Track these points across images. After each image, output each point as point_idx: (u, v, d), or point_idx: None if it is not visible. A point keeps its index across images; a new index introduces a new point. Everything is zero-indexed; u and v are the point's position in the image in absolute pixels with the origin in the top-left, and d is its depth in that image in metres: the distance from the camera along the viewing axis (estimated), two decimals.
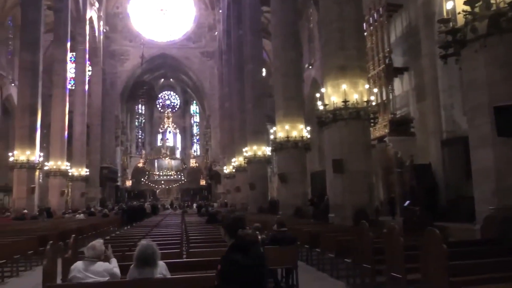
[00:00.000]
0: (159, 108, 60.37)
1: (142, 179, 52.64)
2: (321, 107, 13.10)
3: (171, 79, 58.11)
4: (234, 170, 31.58)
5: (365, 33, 16.87)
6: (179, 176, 53.59)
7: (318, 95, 14.35)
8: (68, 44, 32.11)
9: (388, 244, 6.13)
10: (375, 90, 16.75)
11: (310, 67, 28.76)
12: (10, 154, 24.24)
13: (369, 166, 12.60)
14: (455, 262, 4.89)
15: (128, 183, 53.06)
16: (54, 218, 22.07)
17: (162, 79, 58.17)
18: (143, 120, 60.50)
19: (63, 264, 5.42)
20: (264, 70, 30.82)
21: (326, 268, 9.02)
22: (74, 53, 37.45)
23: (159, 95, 60.40)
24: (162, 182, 52.79)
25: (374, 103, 13.45)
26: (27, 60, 24.71)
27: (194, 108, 61.62)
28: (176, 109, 61.16)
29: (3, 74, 33.04)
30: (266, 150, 25.23)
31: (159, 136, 57.41)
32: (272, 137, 19.28)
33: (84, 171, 34.87)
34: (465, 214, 11.27)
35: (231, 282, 2.84)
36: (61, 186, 29.60)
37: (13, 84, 34.10)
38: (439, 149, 15.14)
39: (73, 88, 37.29)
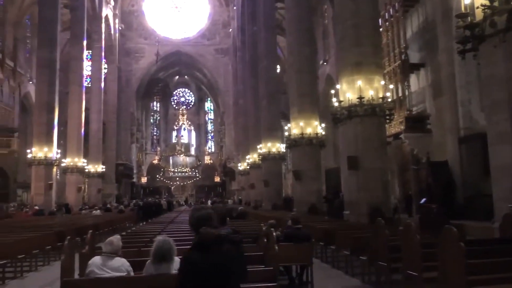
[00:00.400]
0: (174, 105, 60.70)
1: (157, 176, 53.06)
2: (336, 104, 13.03)
3: (185, 76, 58.38)
4: (248, 167, 31.62)
5: (381, 29, 16.70)
6: (194, 173, 53.87)
7: (333, 91, 14.27)
8: (85, 42, 32.46)
9: (405, 242, 6.08)
10: (391, 86, 16.59)
11: (325, 63, 28.60)
12: (28, 151, 24.65)
13: (384, 163, 12.50)
14: (473, 260, 4.81)
15: (144, 179, 53.54)
16: (72, 214, 22.41)
17: (177, 76, 58.47)
18: (158, 117, 60.92)
19: (81, 259, 5.49)
20: (278, 66, 30.75)
21: (341, 266, 8.98)
22: (90, 51, 37.81)
23: (174, 92, 60.73)
24: (177, 178, 53.13)
25: (389, 100, 13.31)
26: (45, 58, 25.06)
27: (208, 105, 61.84)
28: (191, 106, 61.43)
29: (21, 72, 33.53)
30: (281, 147, 25.18)
31: (174, 133, 57.74)
32: (286, 134, 19.23)
33: (100, 168, 35.25)
34: (483, 212, 11.12)
35: (189, 283, 2.65)
36: (78, 183, 30.00)
37: (31, 82, 34.63)
38: (456, 146, 14.94)
39: (89, 85, 37.68)
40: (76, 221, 16.00)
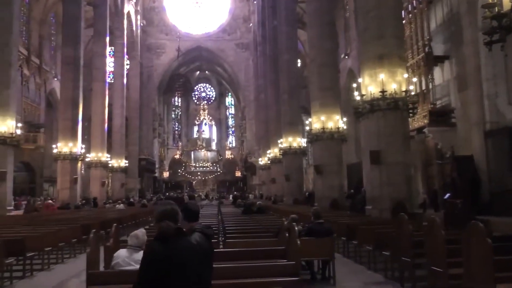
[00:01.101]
0: (195, 100, 61.10)
1: (179, 170, 53.59)
2: (358, 98, 12.89)
3: (206, 72, 58.67)
4: (269, 162, 31.63)
5: (404, 21, 16.41)
6: (215, 168, 54.20)
7: (355, 85, 14.15)
8: (107, 39, 32.92)
9: (429, 237, 5.98)
10: (414, 79, 16.32)
11: (346, 57, 28.30)
12: (54, 146, 25.21)
13: (407, 157, 12.31)
14: (500, 257, 4.71)
15: (166, 174, 54.20)
16: (97, 208, 22.86)
17: (198, 72, 58.80)
18: (180, 112, 61.47)
19: (105, 252, 5.59)
20: (299, 61, 30.59)
21: (364, 261, 8.92)
22: (112, 48, 38.34)
23: (195, 88, 61.11)
24: (198, 173, 53.55)
25: (413, 93, 13.10)
26: (69, 55, 25.51)
27: (229, 100, 62.06)
28: (212, 101, 61.76)
29: (46, 69, 34.28)
30: (302, 141, 25.09)
31: (195, 128, 58.17)
32: (307, 128, 19.15)
33: (123, 163, 35.81)
34: (510, 207, 10.87)
35: (150, 273, 2.64)
36: (102, 177, 30.55)
37: (56, 79, 35.36)
38: (482, 140, 14.58)
39: (112, 81, 38.25)
40: (101, 214, 16.32)
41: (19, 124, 18.52)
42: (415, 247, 6.51)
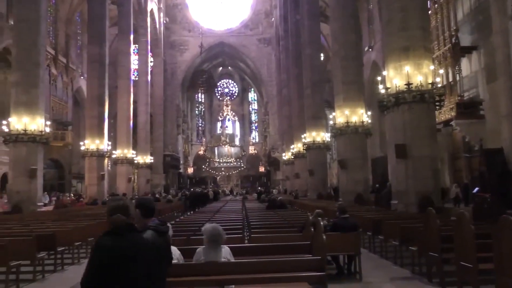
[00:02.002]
0: (218, 96, 61.41)
1: (203, 166, 54.05)
2: (382, 91, 12.72)
3: (229, 67, 58.84)
4: (293, 157, 31.55)
5: (429, 11, 16.05)
6: (239, 163, 54.43)
7: (379, 78, 13.94)
8: (131, 37, 33.38)
9: (458, 232, 5.86)
10: (441, 71, 15.99)
11: (370, 49, 27.90)
12: (81, 143, 25.77)
13: (434, 151, 12.10)
14: None
15: (190, 170, 54.74)
16: None
17: (221, 68, 59.04)
18: (203, 109, 61.90)
19: None
20: (322, 54, 30.32)
21: (390, 256, 8.82)
22: (136, 45, 38.83)
23: (218, 83, 61.40)
24: (222, 169, 53.90)
25: (439, 85, 12.83)
26: (95, 54, 26.00)
27: (252, 95, 62.12)
28: (235, 96, 61.95)
29: (73, 68, 34.99)
30: (325, 136, 24.92)
31: (219, 124, 58.54)
32: (331, 122, 18.98)
33: (148, 159, 36.33)
34: None
35: (100, 266, 2.61)
36: (128, 173, 31.10)
37: (82, 77, 36.09)
38: None
39: (137, 79, 38.78)
40: None
41: (48, 122, 18.96)
42: (443, 242, 6.39)
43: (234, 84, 62.60)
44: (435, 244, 6.53)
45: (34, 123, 17.16)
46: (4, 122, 17.45)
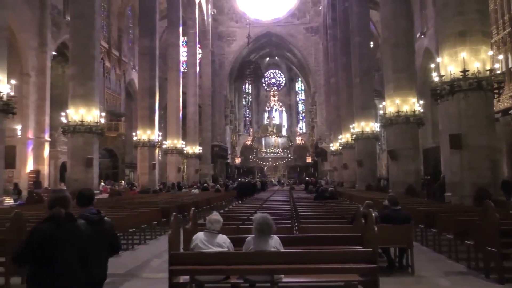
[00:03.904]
0: (265, 87, 61.45)
1: (250, 157, 54.44)
2: (436, 79, 12.23)
3: (276, 57, 58.64)
4: (340, 147, 31.11)
5: None
6: (286, 154, 54.37)
7: (433, 65, 13.41)
8: (180, 29, 33.98)
9: None
10: (500, 57, 15.15)
11: (423, 36, 26.82)
12: (133, 133, 26.64)
13: (492, 141, 11.53)
14: None
15: (238, 160, 55.33)
16: (173, 192, 23.96)
17: (268, 58, 58.94)
18: (250, 99, 62.21)
19: (184, 234, 5.82)
20: (371, 42, 29.53)
21: (444, 250, 8.52)
22: (185, 37, 39.50)
23: (265, 74, 61.41)
24: (269, 159, 54.06)
25: (498, 72, 12.16)
26: (145, 46, 26.71)
27: (299, 85, 61.71)
28: (282, 87, 61.77)
29: (125, 61, 36.19)
30: (375, 126, 24.35)
31: (266, 114, 58.65)
32: (381, 112, 18.50)
33: (197, 149, 37.03)
34: None
35: (31, 249, 2.94)
36: (177, 163, 31.86)
37: (134, 70, 37.25)
38: None
39: (186, 70, 39.49)
40: (178, 198, 17.06)
41: (103, 114, 19.74)
42: (503, 237, 6.10)
43: (281, 74, 62.37)
44: (494, 239, 6.24)
45: (90, 114, 17.91)
46: (63, 113, 18.34)
